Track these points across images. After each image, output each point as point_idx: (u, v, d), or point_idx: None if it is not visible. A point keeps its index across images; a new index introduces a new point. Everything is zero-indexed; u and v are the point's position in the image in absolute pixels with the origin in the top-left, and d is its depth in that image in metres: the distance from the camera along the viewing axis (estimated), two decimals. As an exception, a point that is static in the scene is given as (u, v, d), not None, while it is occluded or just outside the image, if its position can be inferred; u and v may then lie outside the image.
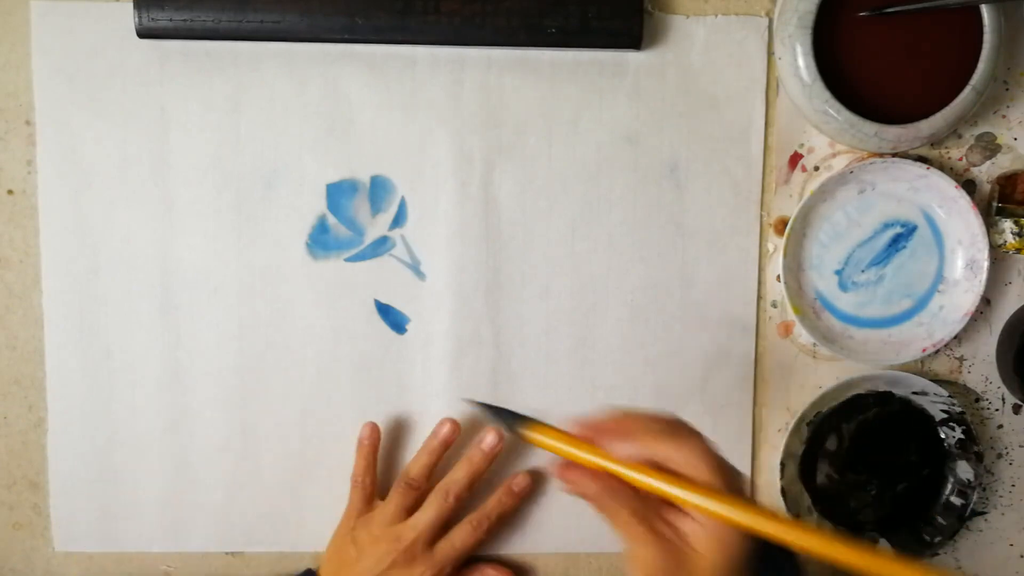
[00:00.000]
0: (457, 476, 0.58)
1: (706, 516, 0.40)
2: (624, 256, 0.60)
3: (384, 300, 0.60)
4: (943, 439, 0.63)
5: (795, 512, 0.61)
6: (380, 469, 0.61)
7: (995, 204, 0.60)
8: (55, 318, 0.60)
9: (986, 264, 0.58)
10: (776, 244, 0.61)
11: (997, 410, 0.63)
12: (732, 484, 0.41)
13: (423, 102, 0.59)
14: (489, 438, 0.59)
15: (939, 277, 0.61)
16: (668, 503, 0.42)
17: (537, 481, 0.61)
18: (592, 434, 0.43)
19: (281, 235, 0.60)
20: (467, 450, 0.59)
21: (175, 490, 0.61)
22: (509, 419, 0.46)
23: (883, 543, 0.63)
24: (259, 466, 0.61)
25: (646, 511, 0.41)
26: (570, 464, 0.43)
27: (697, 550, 0.41)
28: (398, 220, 0.60)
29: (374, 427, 0.60)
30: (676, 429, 0.42)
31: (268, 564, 0.62)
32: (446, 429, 0.59)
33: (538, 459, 0.61)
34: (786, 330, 0.62)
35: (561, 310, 0.61)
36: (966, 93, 0.55)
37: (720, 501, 0.40)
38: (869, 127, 0.55)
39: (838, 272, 0.60)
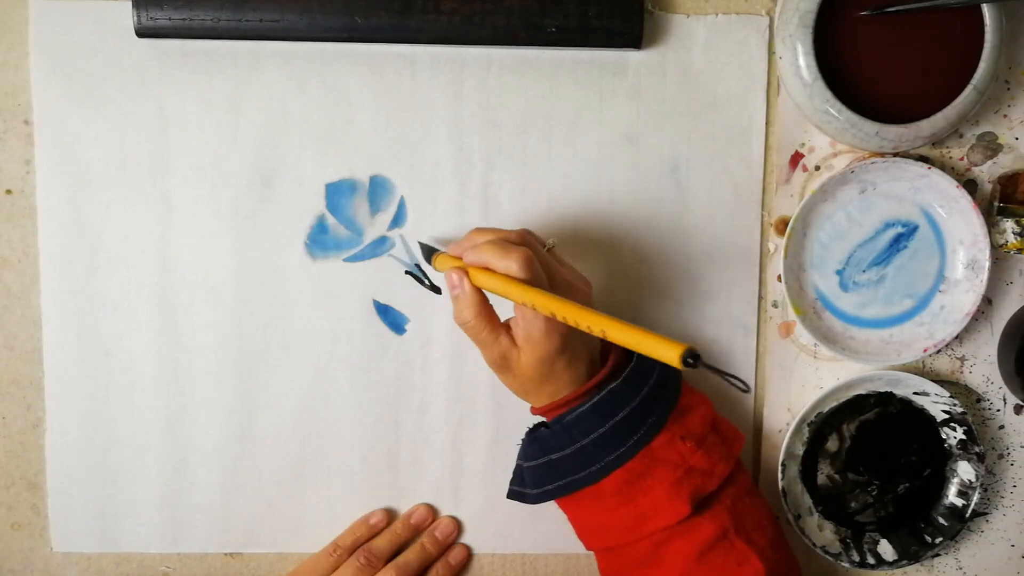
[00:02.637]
0: (409, 558, 0.60)
1: (522, 315, 0.50)
2: (624, 256, 0.60)
3: (383, 300, 0.60)
4: (944, 439, 0.63)
5: (796, 512, 0.61)
6: (377, 469, 0.61)
7: (996, 204, 0.60)
8: (53, 318, 0.59)
9: (987, 264, 0.58)
10: (777, 244, 0.60)
11: (998, 410, 0.63)
12: (551, 285, 0.50)
13: (423, 102, 0.59)
14: (443, 525, 0.61)
15: (940, 277, 0.61)
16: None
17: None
18: (459, 249, 0.52)
19: (280, 235, 0.59)
20: (423, 536, 0.61)
21: (173, 491, 0.61)
22: (427, 252, 0.57)
23: (884, 543, 0.63)
24: (257, 467, 0.61)
25: (489, 315, 0.51)
26: (449, 272, 0.52)
27: (517, 345, 0.51)
28: (397, 220, 0.60)
29: (387, 517, 0.61)
30: (508, 242, 0.50)
31: (266, 565, 0.62)
32: (418, 515, 0.61)
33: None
34: (787, 330, 0.62)
35: (561, 310, 0.60)
36: (967, 92, 0.55)
37: (516, 290, 0.48)
38: (870, 127, 0.55)
39: (839, 272, 0.60)
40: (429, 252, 0.57)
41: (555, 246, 0.55)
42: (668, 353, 0.42)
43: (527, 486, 0.56)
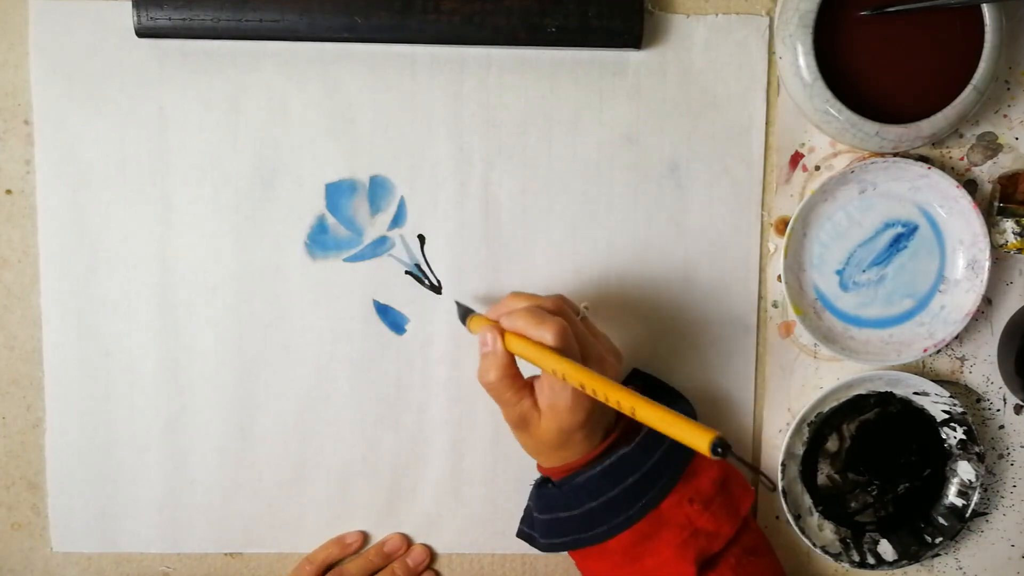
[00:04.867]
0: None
1: (549, 384, 0.49)
2: (624, 256, 0.60)
3: (383, 300, 0.60)
4: (944, 439, 0.63)
5: (796, 512, 0.61)
6: (377, 469, 0.61)
7: (996, 204, 0.60)
8: (53, 318, 0.59)
9: (987, 264, 0.58)
10: (777, 244, 0.60)
11: (998, 410, 0.63)
12: (583, 357, 0.50)
13: (423, 102, 0.59)
14: (416, 553, 0.62)
15: (940, 277, 0.60)
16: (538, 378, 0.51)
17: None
18: (495, 313, 0.52)
19: (280, 235, 0.59)
20: (394, 564, 0.61)
21: (173, 491, 0.61)
22: (463, 313, 0.56)
23: (884, 543, 0.63)
24: (257, 467, 0.61)
25: (514, 377, 0.51)
26: (483, 331, 0.52)
27: (539, 409, 0.51)
28: (397, 220, 0.60)
29: (361, 539, 0.62)
30: (543, 310, 0.50)
31: (266, 565, 0.62)
32: (391, 543, 0.62)
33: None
34: (787, 330, 0.62)
35: (561, 310, 0.61)
36: (967, 92, 0.55)
37: (549, 359, 0.48)
38: (870, 126, 0.55)
39: (839, 272, 0.60)
40: (465, 313, 0.56)
41: (588, 311, 0.55)
42: (698, 441, 0.41)
43: (536, 532, 0.56)
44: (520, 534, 0.58)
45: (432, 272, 0.60)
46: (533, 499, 0.57)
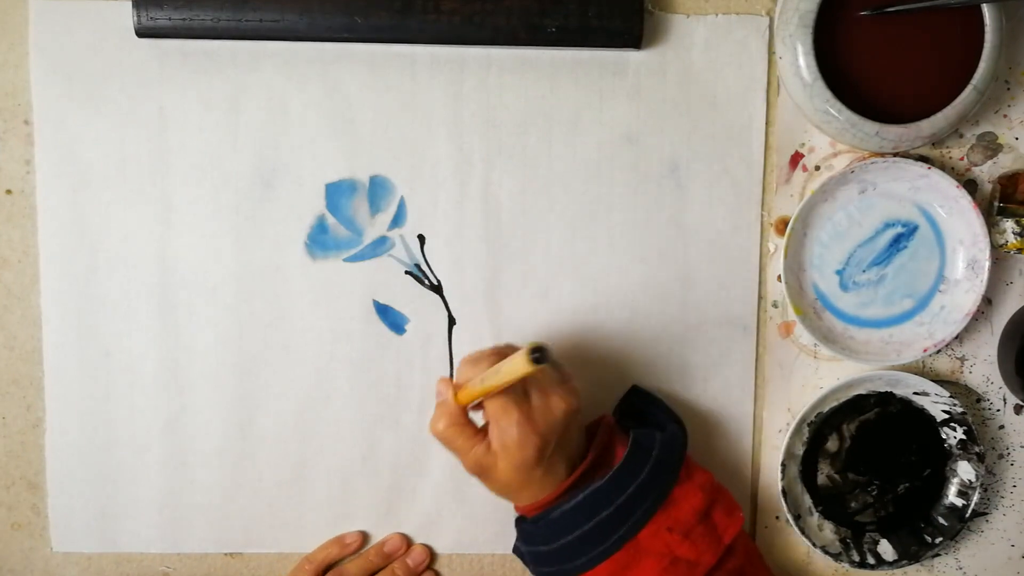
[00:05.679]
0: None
1: (496, 423, 0.51)
2: (624, 256, 0.60)
3: (383, 300, 0.60)
4: (944, 439, 0.63)
5: (796, 512, 0.61)
6: (377, 469, 0.61)
7: (996, 204, 0.60)
8: (53, 318, 0.59)
9: (987, 264, 0.58)
10: (777, 244, 0.60)
11: (998, 410, 0.63)
12: (527, 392, 0.51)
13: (423, 102, 0.59)
14: (416, 553, 0.62)
15: (940, 277, 0.60)
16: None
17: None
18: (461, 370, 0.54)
19: (280, 235, 0.59)
20: (394, 564, 0.62)
21: (173, 491, 0.61)
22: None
23: (884, 543, 0.63)
24: (257, 467, 0.61)
25: (464, 425, 0.52)
26: (438, 381, 0.55)
27: (493, 451, 0.51)
28: (397, 220, 0.60)
29: (361, 539, 0.62)
30: (481, 353, 0.53)
31: (266, 565, 0.62)
32: (391, 544, 0.62)
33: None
34: (787, 330, 0.62)
35: (561, 310, 0.60)
36: (967, 92, 0.55)
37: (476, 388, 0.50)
38: (870, 127, 0.55)
39: (839, 272, 0.60)
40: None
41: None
42: (520, 361, 0.46)
43: (526, 558, 0.57)
44: (515, 551, 0.58)
45: (432, 272, 0.60)
46: (517, 532, 0.57)
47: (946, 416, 0.62)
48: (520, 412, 0.50)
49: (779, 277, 0.60)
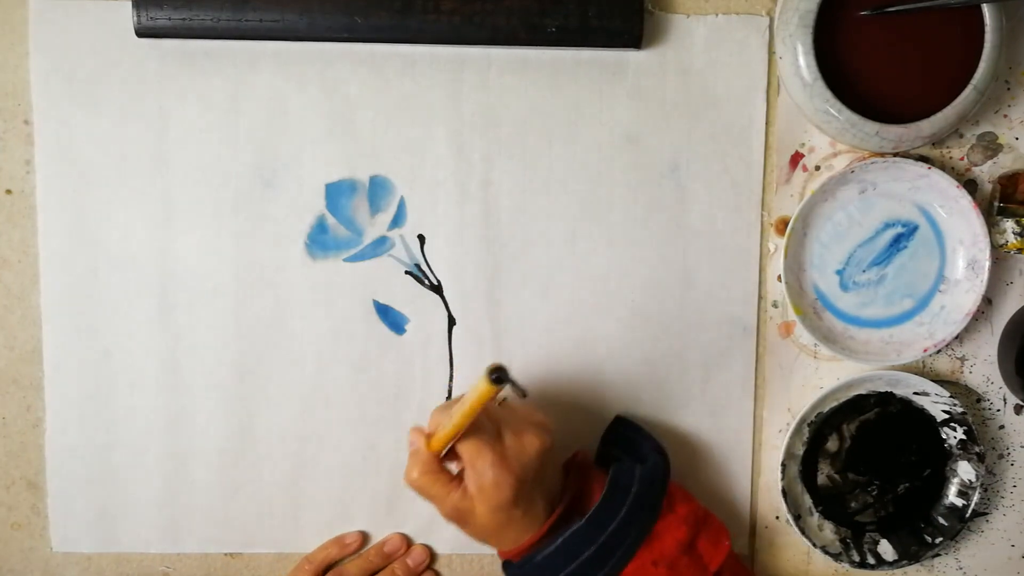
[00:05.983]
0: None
1: (471, 467, 0.50)
2: (624, 256, 0.60)
3: (383, 300, 0.60)
4: (944, 439, 0.63)
5: (796, 512, 0.61)
6: (377, 469, 0.61)
7: (996, 204, 0.60)
8: (53, 318, 0.59)
9: (987, 264, 0.58)
10: (777, 244, 0.60)
11: (998, 410, 0.63)
12: (500, 433, 0.51)
13: (423, 102, 0.59)
14: (416, 553, 0.62)
15: (940, 277, 0.60)
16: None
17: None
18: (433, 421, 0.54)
19: (280, 235, 0.59)
20: (394, 564, 0.62)
21: (173, 491, 0.61)
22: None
23: (884, 543, 0.63)
24: (257, 467, 0.61)
25: (438, 472, 0.51)
26: (411, 431, 0.54)
27: (469, 496, 0.51)
28: (397, 220, 0.60)
29: (361, 539, 0.62)
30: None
31: (266, 565, 0.62)
32: (391, 544, 0.62)
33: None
34: (787, 330, 0.62)
35: (561, 310, 0.60)
36: (967, 92, 0.55)
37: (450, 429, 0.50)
38: (870, 126, 0.55)
39: (839, 272, 0.60)
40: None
41: (507, 399, 0.55)
42: (482, 384, 0.46)
43: None
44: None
45: (432, 272, 0.60)
46: None
47: (946, 416, 0.62)
48: (494, 453, 0.50)
49: (779, 277, 0.60)
